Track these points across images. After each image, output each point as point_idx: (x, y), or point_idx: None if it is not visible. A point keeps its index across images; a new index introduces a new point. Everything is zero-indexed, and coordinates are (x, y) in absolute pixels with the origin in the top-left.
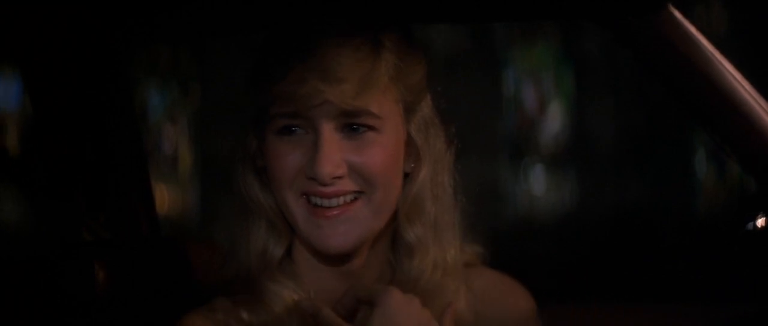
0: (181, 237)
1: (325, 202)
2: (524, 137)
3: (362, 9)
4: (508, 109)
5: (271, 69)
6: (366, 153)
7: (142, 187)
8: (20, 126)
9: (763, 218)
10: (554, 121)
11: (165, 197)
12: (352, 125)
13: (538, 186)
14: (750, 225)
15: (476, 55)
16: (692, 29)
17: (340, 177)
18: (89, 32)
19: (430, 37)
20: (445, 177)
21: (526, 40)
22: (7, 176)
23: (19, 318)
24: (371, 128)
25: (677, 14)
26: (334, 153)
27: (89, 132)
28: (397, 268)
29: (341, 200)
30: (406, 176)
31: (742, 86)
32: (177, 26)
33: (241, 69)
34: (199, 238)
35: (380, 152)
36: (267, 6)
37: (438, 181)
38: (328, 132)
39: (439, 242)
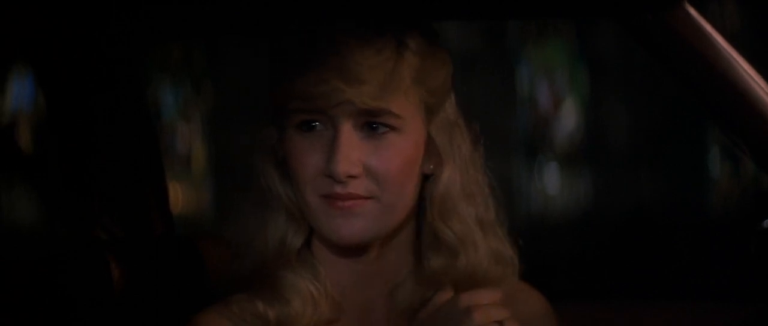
0: (195, 236)
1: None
2: (538, 136)
3: (374, 6)
4: (522, 107)
5: (291, 67)
6: (383, 156)
7: (156, 185)
8: (34, 125)
9: None
10: (568, 119)
11: (179, 196)
12: (372, 123)
13: (552, 185)
14: (766, 223)
15: (490, 53)
16: (707, 26)
17: (355, 177)
18: (98, 31)
19: (443, 35)
20: (478, 176)
21: (541, 38)
22: (21, 174)
23: (33, 317)
24: (392, 128)
25: (692, 11)
26: (352, 152)
27: (103, 130)
28: (442, 270)
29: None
30: (428, 177)
31: (757, 83)
32: (184, 25)
33: (254, 67)
34: (213, 236)
35: (397, 154)
36: (278, 6)
37: (470, 181)
38: (347, 131)
39: (490, 238)
